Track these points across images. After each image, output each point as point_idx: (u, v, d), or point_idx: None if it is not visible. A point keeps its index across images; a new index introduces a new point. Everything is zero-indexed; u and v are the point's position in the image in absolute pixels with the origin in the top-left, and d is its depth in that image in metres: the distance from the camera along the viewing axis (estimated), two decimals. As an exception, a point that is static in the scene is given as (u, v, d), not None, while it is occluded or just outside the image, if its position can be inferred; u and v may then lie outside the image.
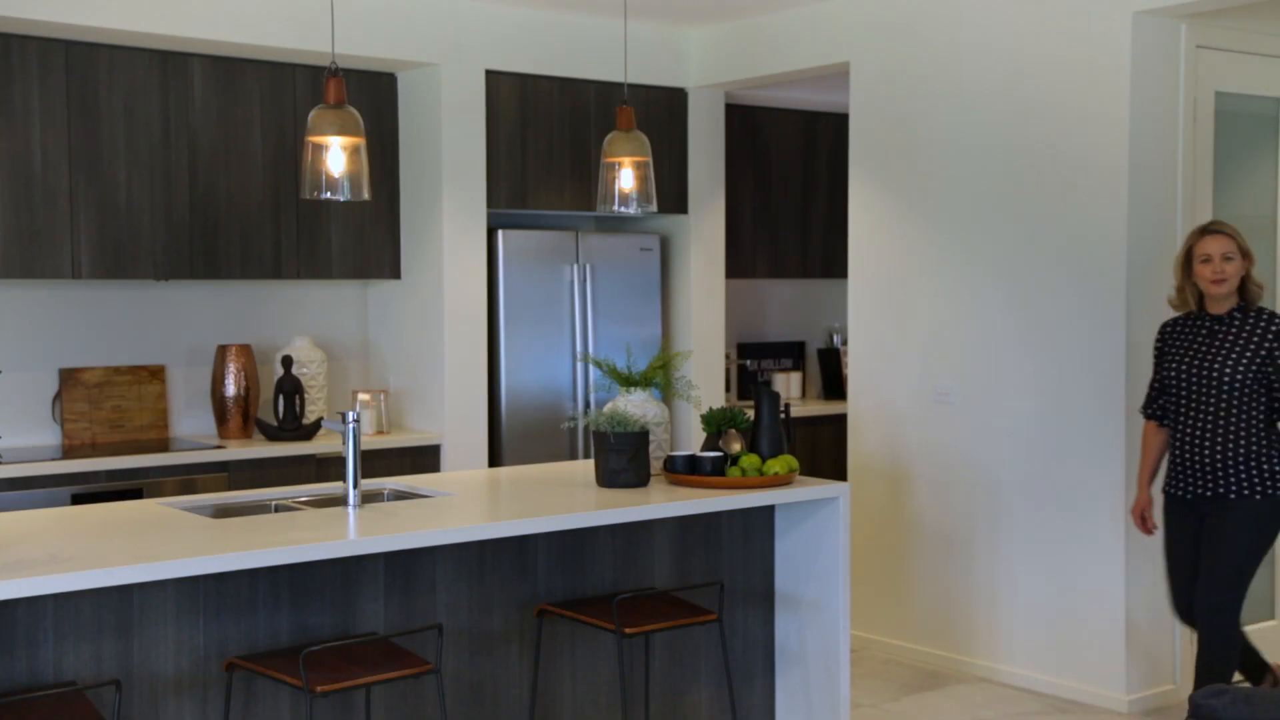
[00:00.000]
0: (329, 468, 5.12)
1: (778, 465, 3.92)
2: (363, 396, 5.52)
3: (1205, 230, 4.08)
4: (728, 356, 6.95)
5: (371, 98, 5.49)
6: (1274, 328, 4.00)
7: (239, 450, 5.03)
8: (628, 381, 4.07)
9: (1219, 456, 3.99)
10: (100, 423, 5.15)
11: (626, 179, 4.33)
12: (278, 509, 3.79)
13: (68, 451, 4.93)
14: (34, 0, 4.54)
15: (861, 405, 5.50)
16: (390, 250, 5.62)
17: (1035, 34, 4.84)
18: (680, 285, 6.29)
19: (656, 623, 3.53)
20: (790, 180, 7.07)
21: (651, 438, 4.01)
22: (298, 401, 5.35)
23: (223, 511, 3.72)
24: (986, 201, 5.02)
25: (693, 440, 6.01)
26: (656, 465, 4.03)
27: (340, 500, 3.73)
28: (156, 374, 5.32)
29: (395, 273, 5.64)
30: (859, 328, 5.51)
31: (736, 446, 4.01)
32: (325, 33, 4.81)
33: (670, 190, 6.11)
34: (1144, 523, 4.29)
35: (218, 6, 4.92)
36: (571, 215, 6.19)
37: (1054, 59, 4.79)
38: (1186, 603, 4.16)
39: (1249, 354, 3.98)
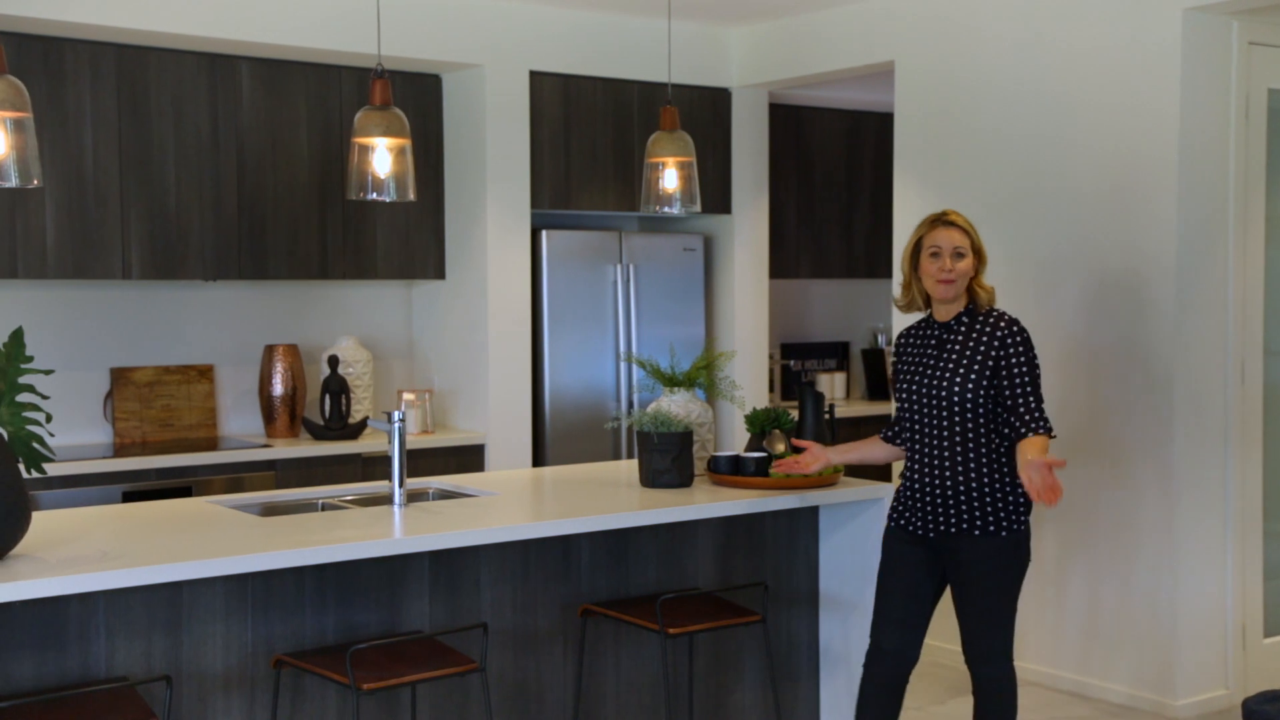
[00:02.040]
0: (374, 467, 5.15)
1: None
2: (408, 396, 5.55)
3: (936, 220, 3.46)
4: (771, 357, 6.94)
5: (416, 99, 5.52)
6: (999, 331, 3.40)
7: (286, 449, 5.07)
8: (671, 382, 4.07)
9: (960, 488, 3.40)
10: (150, 421, 5.22)
11: (670, 179, 4.33)
12: (324, 508, 3.82)
13: (119, 450, 4.99)
14: (85, 5, 4.61)
15: (906, 406, 5.47)
16: (435, 250, 5.65)
17: (1084, 31, 4.80)
18: (724, 285, 6.28)
19: (700, 623, 3.52)
20: (834, 180, 7.04)
21: (695, 438, 4.00)
22: (344, 401, 5.39)
23: (270, 510, 3.75)
24: (1033, 201, 4.98)
25: (736, 441, 6.00)
26: (700, 465, 4.03)
27: (386, 499, 3.75)
28: (205, 373, 5.38)
29: (440, 273, 5.67)
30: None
31: (780, 447, 4.00)
32: (371, 35, 4.84)
33: (714, 190, 6.10)
34: (796, 456, 3.73)
35: (265, 9, 4.97)
36: (615, 215, 6.20)
37: (1103, 56, 4.74)
38: (892, 638, 3.52)
39: (977, 366, 3.39)
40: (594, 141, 5.80)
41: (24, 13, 4.45)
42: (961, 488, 3.41)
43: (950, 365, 3.43)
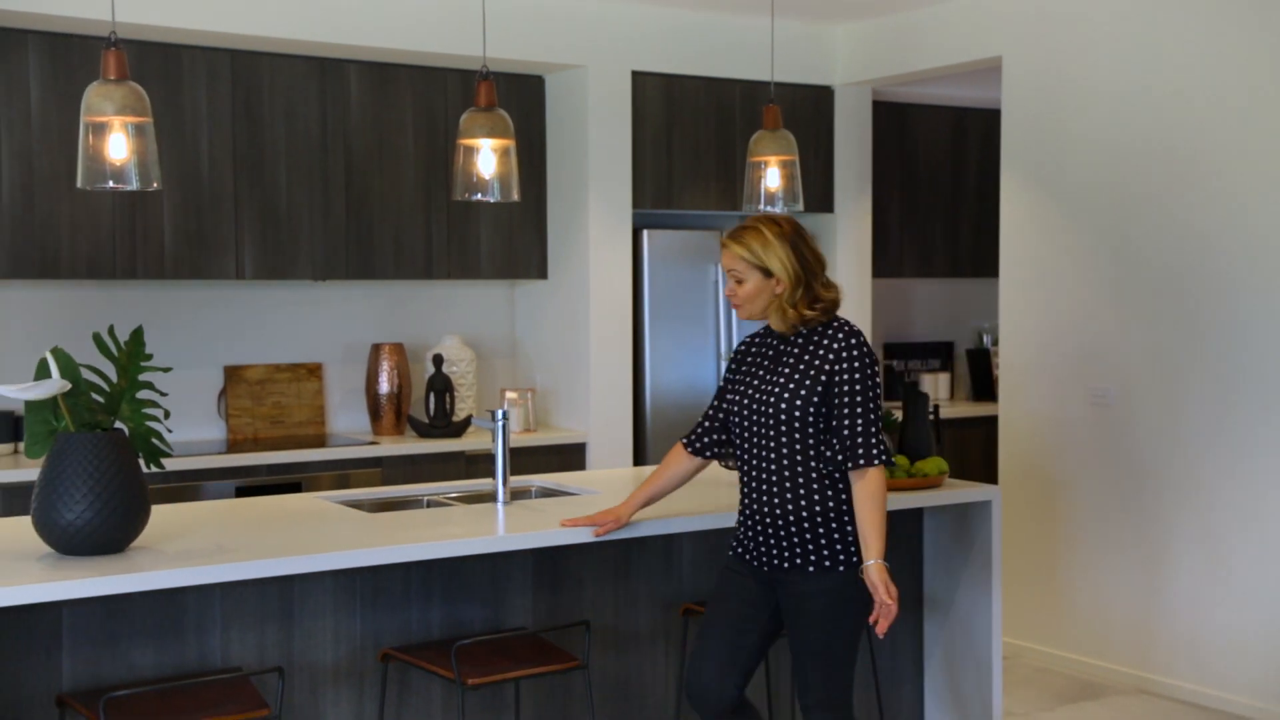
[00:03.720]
0: (478, 464, 5.21)
1: (927, 467, 3.86)
2: (510, 395, 5.60)
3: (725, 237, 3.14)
4: (874, 356, 6.86)
5: (520, 100, 5.57)
6: (836, 344, 3.03)
7: (392, 446, 5.16)
8: (774, 381, 4.04)
9: (791, 517, 3.02)
10: (262, 418, 5.34)
11: (773, 178, 4.31)
12: (429, 504, 3.88)
13: (232, 446, 5.12)
14: (202, 12, 4.73)
15: (1013, 406, 5.38)
16: (537, 250, 5.70)
17: (1201, 27, 4.66)
18: (826, 284, 6.22)
19: (803, 624, 3.50)
20: (939, 178, 6.95)
21: (798, 438, 3.97)
22: (448, 399, 5.46)
23: (377, 506, 3.82)
24: (1147, 201, 4.85)
25: (838, 441, 5.95)
26: (803, 466, 4.00)
27: (489, 497, 3.79)
28: (314, 371, 5.49)
29: (542, 273, 5.72)
30: (1010, 328, 5.39)
31: (884, 448, 3.95)
32: (475, 37, 4.90)
33: (816, 189, 6.06)
34: (600, 526, 3.29)
35: (373, 14, 5.06)
36: (716, 215, 6.19)
37: (1223, 54, 4.60)
38: (708, 674, 3.09)
39: (809, 381, 3.02)
40: (696, 141, 5.80)
41: (144, 20, 4.59)
42: (792, 516, 3.02)
43: (781, 379, 3.06)
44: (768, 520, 3.05)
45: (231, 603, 3.08)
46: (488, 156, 3.80)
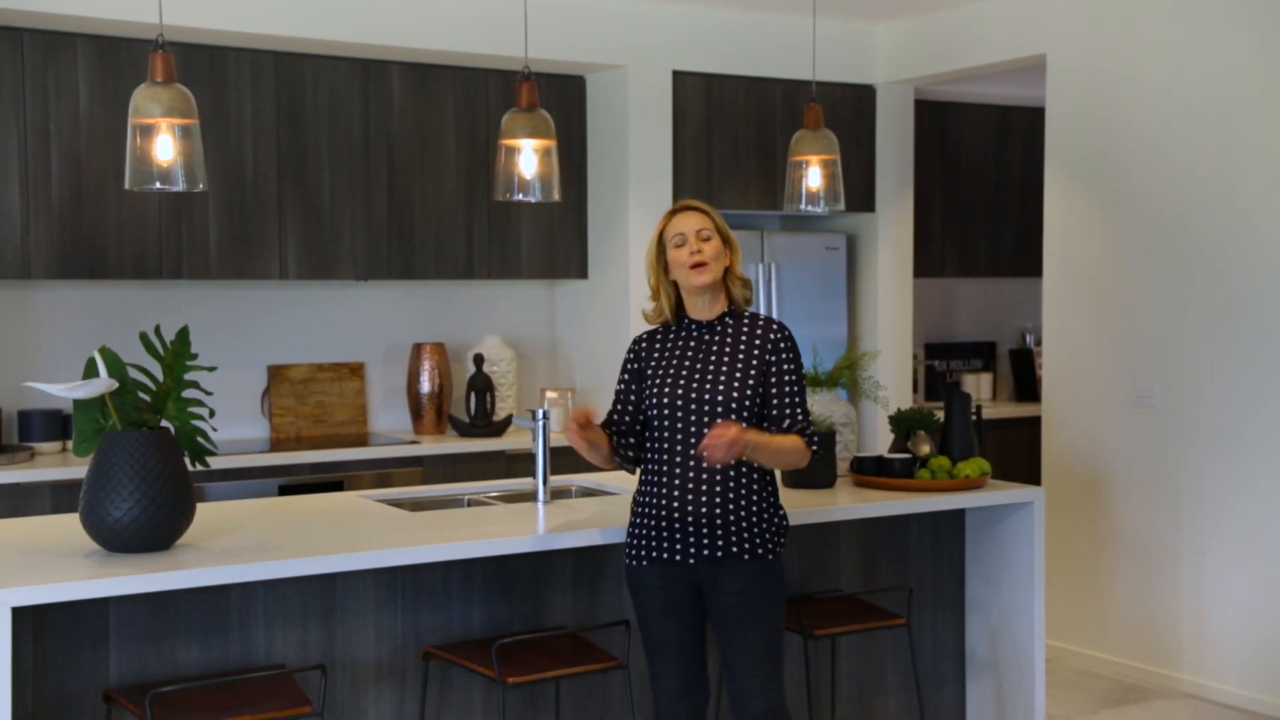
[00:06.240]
0: (518, 464, 5.23)
1: (969, 468, 3.84)
2: (551, 394, 5.62)
3: (674, 211, 3.17)
4: (915, 357, 6.83)
5: (560, 100, 5.59)
6: (772, 334, 3.09)
7: (433, 446, 5.18)
8: (814, 382, 4.04)
9: (726, 505, 3.01)
10: (305, 417, 5.39)
11: (814, 177, 4.30)
12: (470, 504, 3.89)
13: (275, 444, 5.16)
14: (247, 15, 4.78)
15: (1056, 407, 5.33)
16: (577, 250, 5.71)
17: (1248, 21, 4.60)
18: (867, 284, 6.20)
19: (844, 625, 3.50)
20: (981, 177, 6.90)
21: (838, 438, 3.97)
22: (488, 399, 5.48)
23: (418, 505, 3.84)
24: (1193, 200, 4.80)
25: (879, 441, 5.93)
26: (843, 466, 3.99)
27: (530, 496, 3.81)
28: (356, 371, 5.53)
29: (582, 272, 5.73)
30: (1054, 328, 5.35)
31: (925, 448, 3.94)
32: (517, 38, 4.91)
33: (857, 188, 6.03)
34: (580, 426, 3.08)
35: (415, 15, 5.09)
36: (757, 215, 6.18)
37: (1269, 49, 4.54)
38: (678, 688, 3.10)
39: (752, 369, 3.05)
40: (736, 140, 5.79)
41: (190, 24, 4.64)
42: (731, 505, 3.01)
43: (712, 367, 3.06)
44: (689, 512, 3.02)
45: (275, 600, 3.11)
46: (529, 157, 3.82)
